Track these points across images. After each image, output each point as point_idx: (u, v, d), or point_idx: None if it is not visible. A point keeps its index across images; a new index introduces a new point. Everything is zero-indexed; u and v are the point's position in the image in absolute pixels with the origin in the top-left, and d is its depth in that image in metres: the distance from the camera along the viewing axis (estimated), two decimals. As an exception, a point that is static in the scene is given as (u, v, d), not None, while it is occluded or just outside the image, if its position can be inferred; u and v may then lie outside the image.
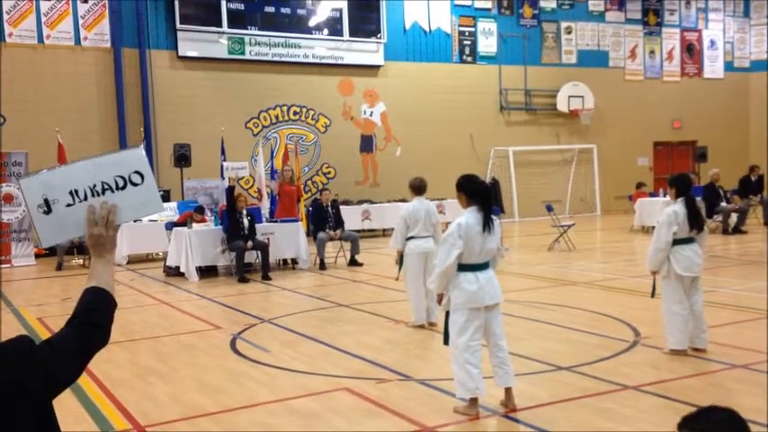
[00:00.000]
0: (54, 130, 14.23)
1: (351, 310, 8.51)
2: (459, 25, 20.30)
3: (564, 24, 21.78)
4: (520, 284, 9.72)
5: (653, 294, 6.20)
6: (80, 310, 1.93)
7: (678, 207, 5.93)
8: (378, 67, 19.16)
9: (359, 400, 5.04)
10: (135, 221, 13.96)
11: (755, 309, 7.57)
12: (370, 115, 19.36)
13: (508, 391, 4.75)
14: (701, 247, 6.04)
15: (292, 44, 18.03)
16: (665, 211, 6.01)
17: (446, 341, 4.82)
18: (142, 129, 16.10)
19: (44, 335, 7.37)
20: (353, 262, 12.25)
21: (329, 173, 18.82)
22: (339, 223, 12.48)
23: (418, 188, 7.44)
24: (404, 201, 7.55)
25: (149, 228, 13.56)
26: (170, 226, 12.20)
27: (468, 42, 20.45)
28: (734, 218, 15.26)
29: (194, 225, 11.79)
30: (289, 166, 13.94)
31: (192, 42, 17.05)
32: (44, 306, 9.29)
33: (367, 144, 19.35)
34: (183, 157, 15.57)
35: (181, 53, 16.95)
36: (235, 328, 7.60)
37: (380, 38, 18.94)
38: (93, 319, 1.91)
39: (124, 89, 16.33)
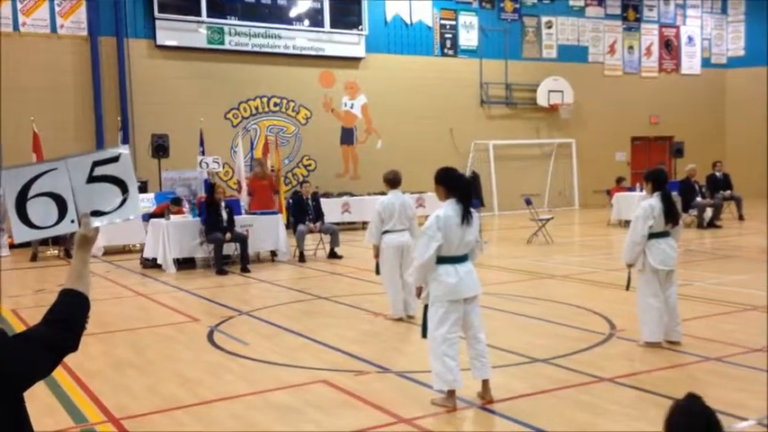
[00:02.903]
0: (29, 119, 14.02)
1: (330, 302, 8.50)
2: (441, 18, 20.29)
3: (544, 19, 21.87)
4: (498, 277, 9.77)
5: (627, 287, 6.26)
6: (58, 313, 1.94)
7: (654, 201, 5.99)
8: (359, 59, 19.11)
9: (337, 393, 5.04)
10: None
11: (729, 302, 7.68)
12: (351, 107, 19.31)
13: (485, 383, 4.78)
14: (676, 241, 6.11)
15: (273, 35, 17.91)
16: (641, 205, 6.07)
17: (424, 334, 4.83)
18: (119, 118, 15.92)
19: (18, 327, 7.28)
20: (333, 254, 12.24)
21: (310, 165, 18.77)
22: (319, 216, 12.45)
23: (392, 181, 7.42)
24: (384, 193, 7.55)
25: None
26: (147, 217, 12.08)
27: (450, 36, 20.45)
28: (709, 212, 15.46)
29: (172, 216, 11.70)
30: (257, 161, 13.87)
31: (171, 31, 16.87)
32: (18, 298, 9.16)
33: (347, 136, 19.31)
34: (160, 148, 15.43)
35: (159, 42, 16.77)
36: (212, 320, 7.56)
37: (362, 30, 18.87)
38: (70, 325, 1.94)
39: (101, 78, 16.13)
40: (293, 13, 18.28)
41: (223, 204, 11.27)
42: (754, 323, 6.78)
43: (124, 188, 2.11)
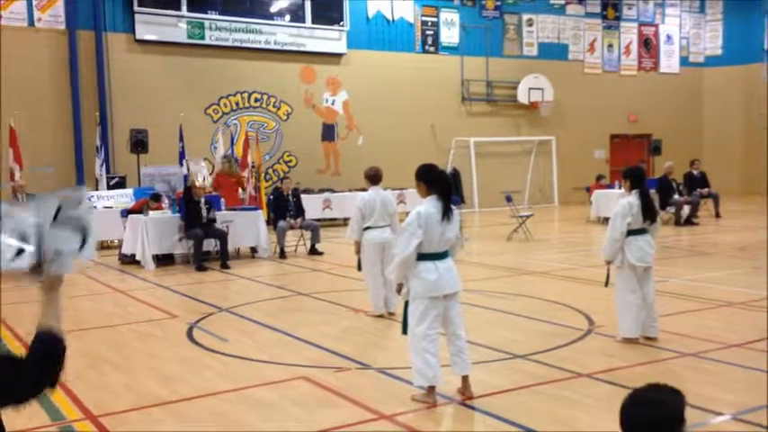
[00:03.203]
0: (6, 113, 13.81)
1: (310, 299, 8.49)
2: (422, 15, 20.31)
3: (525, 16, 21.97)
4: (478, 274, 9.81)
5: (606, 284, 6.31)
6: (36, 354, 2.02)
7: (632, 199, 6.04)
8: (340, 55, 19.07)
9: (317, 389, 5.04)
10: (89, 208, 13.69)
11: (706, 298, 7.78)
12: (332, 104, 19.27)
13: (465, 379, 4.80)
14: (653, 238, 6.18)
15: (253, 29, 17.81)
16: (620, 202, 6.12)
17: (404, 330, 4.84)
18: (98, 113, 15.76)
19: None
20: (314, 251, 12.22)
21: (290, 161, 18.71)
22: (300, 212, 12.42)
23: (373, 177, 7.42)
24: (364, 190, 7.56)
25: (104, 215, 13.30)
26: (125, 213, 11.99)
27: (431, 32, 20.48)
28: (686, 210, 15.64)
29: (150, 212, 11.61)
30: (225, 158, 13.81)
31: (151, 26, 16.72)
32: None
33: (329, 133, 19.26)
34: (139, 143, 15.30)
35: (138, 37, 16.61)
36: (192, 316, 7.52)
37: (343, 25, 18.84)
38: (46, 367, 2.01)
39: (79, 72, 15.94)
40: (274, 9, 18.20)
41: (203, 201, 11.20)
42: (730, 319, 6.87)
43: (84, 230, 2.12)
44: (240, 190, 13.77)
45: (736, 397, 4.67)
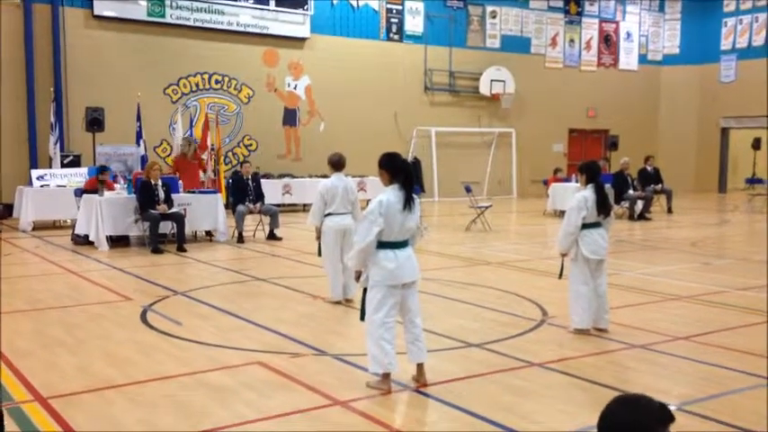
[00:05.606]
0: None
1: (268, 284, 8.46)
2: (387, 3, 20.26)
3: (489, 8, 22.09)
4: (436, 263, 9.89)
5: (560, 275, 6.43)
6: None
7: (588, 193, 6.16)
8: (304, 39, 18.91)
9: (272, 374, 5.04)
10: (42, 186, 13.37)
11: (656, 292, 7.99)
12: (295, 88, 19.13)
13: (420, 366, 4.86)
14: (607, 232, 6.31)
15: (216, 10, 17.54)
16: (576, 196, 6.24)
17: (362, 317, 4.86)
18: (53, 89, 15.36)
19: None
20: (272, 236, 12.16)
21: (251, 145, 18.53)
22: (259, 196, 12.34)
23: (336, 164, 7.40)
24: (325, 176, 7.56)
25: (57, 193, 13.04)
26: (79, 192, 11.73)
27: (396, 21, 20.45)
28: (640, 205, 16.00)
29: (106, 192, 11.39)
30: (185, 140, 13.62)
31: (109, 1, 16.33)
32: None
33: (290, 117, 19.13)
34: (95, 122, 14.98)
35: (97, 12, 16.22)
36: (146, 299, 7.42)
37: (307, 10, 18.68)
38: None
39: (34, 47, 15.50)
40: (238, -11, 17.94)
41: (160, 183, 11.03)
42: (678, 313, 7.07)
43: None
44: (201, 172, 13.58)
45: (682, 388, 4.82)
